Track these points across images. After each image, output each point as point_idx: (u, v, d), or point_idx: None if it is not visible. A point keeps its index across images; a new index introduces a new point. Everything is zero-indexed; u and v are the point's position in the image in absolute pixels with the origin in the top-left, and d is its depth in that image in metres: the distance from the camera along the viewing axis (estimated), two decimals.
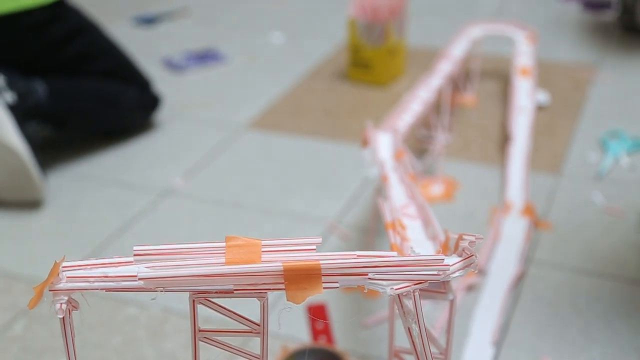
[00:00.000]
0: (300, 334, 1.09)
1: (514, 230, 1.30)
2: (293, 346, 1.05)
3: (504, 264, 1.22)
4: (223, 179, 1.51)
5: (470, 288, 1.18)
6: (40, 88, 1.49)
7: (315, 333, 1.09)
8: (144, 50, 2.12)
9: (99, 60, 1.62)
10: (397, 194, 1.00)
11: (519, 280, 1.19)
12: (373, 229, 1.26)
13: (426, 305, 1.13)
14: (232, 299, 0.58)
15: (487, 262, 1.22)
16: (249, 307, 0.65)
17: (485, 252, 1.24)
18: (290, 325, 1.11)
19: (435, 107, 1.55)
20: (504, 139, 1.61)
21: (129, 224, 1.37)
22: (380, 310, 1.14)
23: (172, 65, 2.02)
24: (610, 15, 2.32)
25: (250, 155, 1.60)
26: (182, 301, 0.70)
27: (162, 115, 1.76)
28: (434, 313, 1.12)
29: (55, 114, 1.53)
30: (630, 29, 2.16)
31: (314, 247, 0.61)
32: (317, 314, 1.13)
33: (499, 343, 1.07)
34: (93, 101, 1.59)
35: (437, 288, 0.70)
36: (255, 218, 1.38)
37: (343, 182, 1.48)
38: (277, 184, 1.48)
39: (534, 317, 1.12)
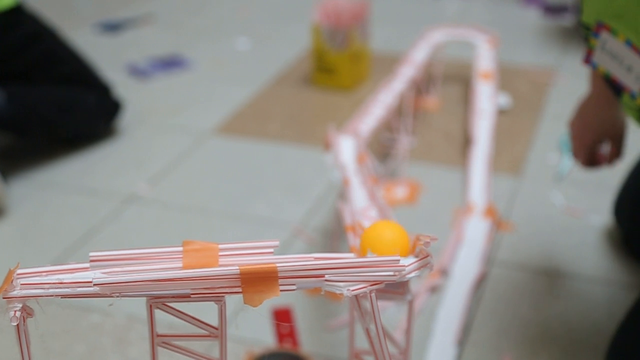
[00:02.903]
0: (265, 338, 1.10)
1: (476, 231, 1.32)
2: (258, 350, 1.05)
3: (466, 265, 1.23)
4: (188, 185, 1.51)
5: (434, 289, 1.19)
6: None
7: (281, 336, 1.10)
8: (108, 56, 2.11)
9: (58, 67, 1.60)
10: (359, 196, 1.01)
11: (481, 281, 1.21)
12: (336, 232, 1.27)
13: (390, 307, 1.14)
14: (197, 302, 0.59)
15: (450, 263, 1.24)
16: (216, 311, 0.66)
17: (448, 254, 1.25)
18: (256, 329, 1.11)
19: (399, 111, 1.56)
20: (467, 142, 1.63)
21: (93, 232, 1.36)
22: (344, 312, 1.14)
23: (137, 72, 2.02)
24: (569, 20, 2.36)
25: (216, 161, 1.60)
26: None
27: (127, 121, 1.76)
28: (397, 314, 1.13)
29: (15, 121, 1.52)
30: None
31: (271, 250, 0.61)
32: (283, 317, 1.13)
33: (462, 343, 1.08)
34: (53, 107, 1.57)
35: (395, 289, 0.71)
36: (221, 224, 1.38)
37: (308, 186, 1.49)
38: (242, 189, 1.49)
39: (496, 317, 1.13)
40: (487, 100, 1.65)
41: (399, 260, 0.60)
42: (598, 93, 1.05)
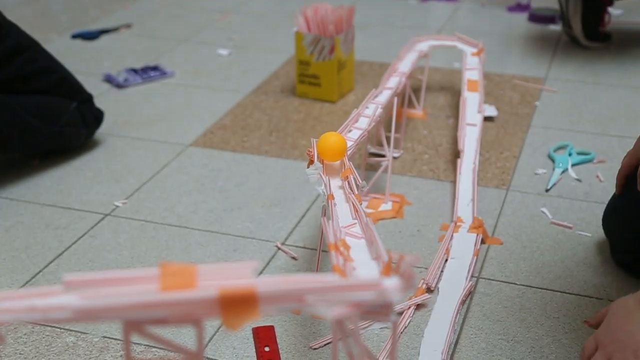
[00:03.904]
0: (247, 358, 1.06)
1: (463, 246, 1.28)
2: None
3: (453, 281, 1.20)
4: (167, 200, 1.47)
5: (420, 306, 1.16)
6: None
7: (263, 356, 1.06)
8: (85, 66, 2.07)
9: (40, 78, 1.57)
10: (343, 213, 0.98)
11: (468, 297, 1.18)
12: (321, 249, 1.23)
13: (375, 326, 1.10)
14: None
15: (437, 279, 1.20)
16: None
17: (435, 270, 1.22)
18: (237, 348, 1.07)
19: (384, 123, 1.53)
20: (454, 154, 1.60)
21: (68, 249, 1.32)
22: (329, 331, 1.11)
23: (114, 82, 1.98)
24: (556, 28, 2.34)
25: (195, 174, 1.56)
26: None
27: (103, 133, 1.72)
28: (383, 332, 1.09)
29: None
30: (573, 41, 2.18)
31: (251, 272, 0.59)
32: (265, 336, 1.10)
33: None
34: (35, 119, 1.53)
35: (378, 310, 0.68)
36: (201, 240, 1.34)
37: (292, 201, 1.45)
38: (223, 204, 1.45)
39: (484, 334, 1.10)
40: (474, 111, 1.62)
41: (381, 282, 0.57)
42: None
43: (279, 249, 1.31)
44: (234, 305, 0.56)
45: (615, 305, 0.95)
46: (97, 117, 1.66)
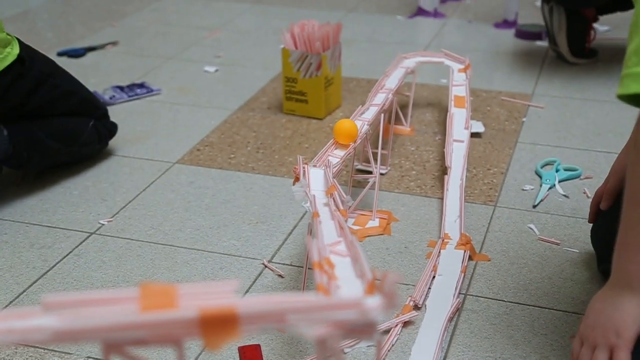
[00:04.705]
0: None
1: (450, 263, 1.28)
2: None
3: (440, 298, 1.19)
4: (153, 217, 1.46)
5: (407, 323, 1.15)
6: (0, 134, 1.46)
7: None
8: None
9: (62, 103, 1.60)
10: (328, 230, 0.97)
11: (456, 314, 1.17)
12: (307, 267, 1.22)
13: (362, 344, 1.09)
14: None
15: (424, 296, 1.20)
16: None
17: (422, 287, 1.21)
18: None
19: (372, 139, 1.53)
20: (441, 170, 1.60)
21: (52, 268, 1.31)
22: (314, 350, 1.10)
23: (101, 99, 1.97)
24: (543, 44, 2.35)
25: (182, 192, 1.55)
26: None
27: None
28: (370, 350, 1.08)
29: (17, 157, 1.49)
30: (559, 57, 2.19)
31: (232, 291, 0.58)
32: (251, 355, 1.09)
33: None
34: (56, 142, 1.56)
35: (362, 328, 0.67)
36: (187, 258, 1.33)
37: (279, 218, 1.45)
38: (210, 222, 1.44)
39: (471, 352, 1.09)
40: (461, 127, 1.62)
41: (363, 301, 0.56)
42: None
43: (266, 266, 1.30)
44: (215, 325, 0.55)
45: (591, 301, 0.96)
46: (111, 131, 1.70)
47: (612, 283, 0.94)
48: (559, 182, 1.55)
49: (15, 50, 1.46)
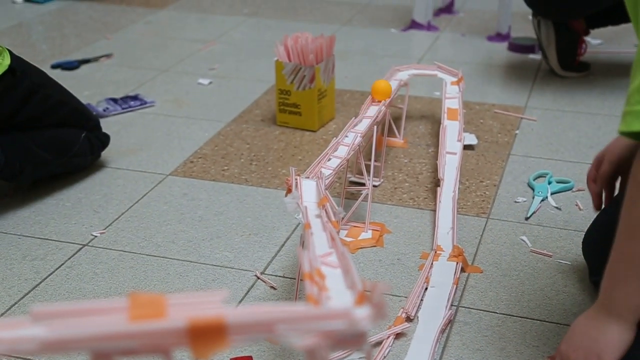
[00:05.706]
0: None
1: (443, 275, 1.28)
2: None
3: (433, 310, 1.19)
4: (146, 229, 1.46)
5: (400, 335, 1.15)
6: None
7: None
8: None
9: (54, 113, 1.60)
10: (319, 242, 0.97)
11: (448, 326, 1.17)
12: (300, 278, 1.22)
13: (354, 355, 1.09)
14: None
15: (417, 308, 1.20)
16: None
17: (414, 298, 1.21)
18: None
19: (365, 151, 1.53)
20: (434, 182, 1.60)
21: (44, 280, 1.30)
22: None
23: (94, 111, 1.97)
24: (536, 57, 2.36)
25: (175, 204, 1.55)
26: None
27: None
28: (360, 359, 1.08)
29: (10, 168, 1.49)
30: (552, 70, 2.20)
31: (221, 301, 0.58)
32: None
33: None
34: (48, 153, 1.56)
35: (351, 339, 0.67)
36: (180, 270, 1.33)
37: (271, 230, 1.45)
38: (203, 233, 1.44)
39: None
40: (454, 140, 1.62)
41: (352, 311, 0.57)
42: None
43: (258, 278, 1.30)
44: (203, 335, 0.55)
45: (575, 321, 0.97)
46: (103, 142, 1.70)
47: (598, 306, 0.94)
48: (552, 194, 1.55)
49: (7, 61, 1.47)
